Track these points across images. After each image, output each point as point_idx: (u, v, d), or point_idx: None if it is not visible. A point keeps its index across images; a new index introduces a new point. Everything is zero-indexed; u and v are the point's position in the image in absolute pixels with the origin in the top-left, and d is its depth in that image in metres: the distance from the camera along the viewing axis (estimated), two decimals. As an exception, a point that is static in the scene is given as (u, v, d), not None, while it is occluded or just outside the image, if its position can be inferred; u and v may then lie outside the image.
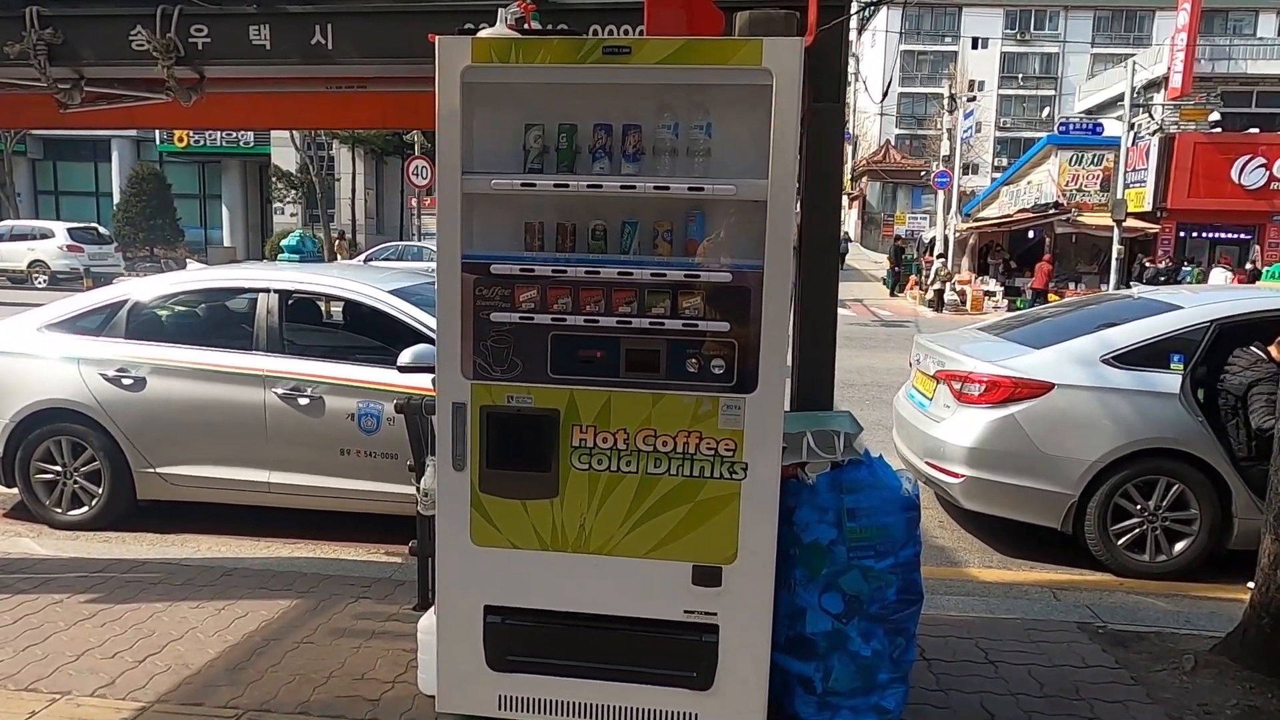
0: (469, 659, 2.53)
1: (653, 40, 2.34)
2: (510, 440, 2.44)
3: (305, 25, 3.36)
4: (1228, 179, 21.21)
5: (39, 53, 3.42)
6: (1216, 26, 41.66)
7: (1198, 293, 5.62)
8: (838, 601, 2.58)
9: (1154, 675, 3.20)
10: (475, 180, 2.39)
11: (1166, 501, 4.53)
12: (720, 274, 2.36)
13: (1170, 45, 25.43)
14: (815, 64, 3.01)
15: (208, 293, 5.38)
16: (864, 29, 18.16)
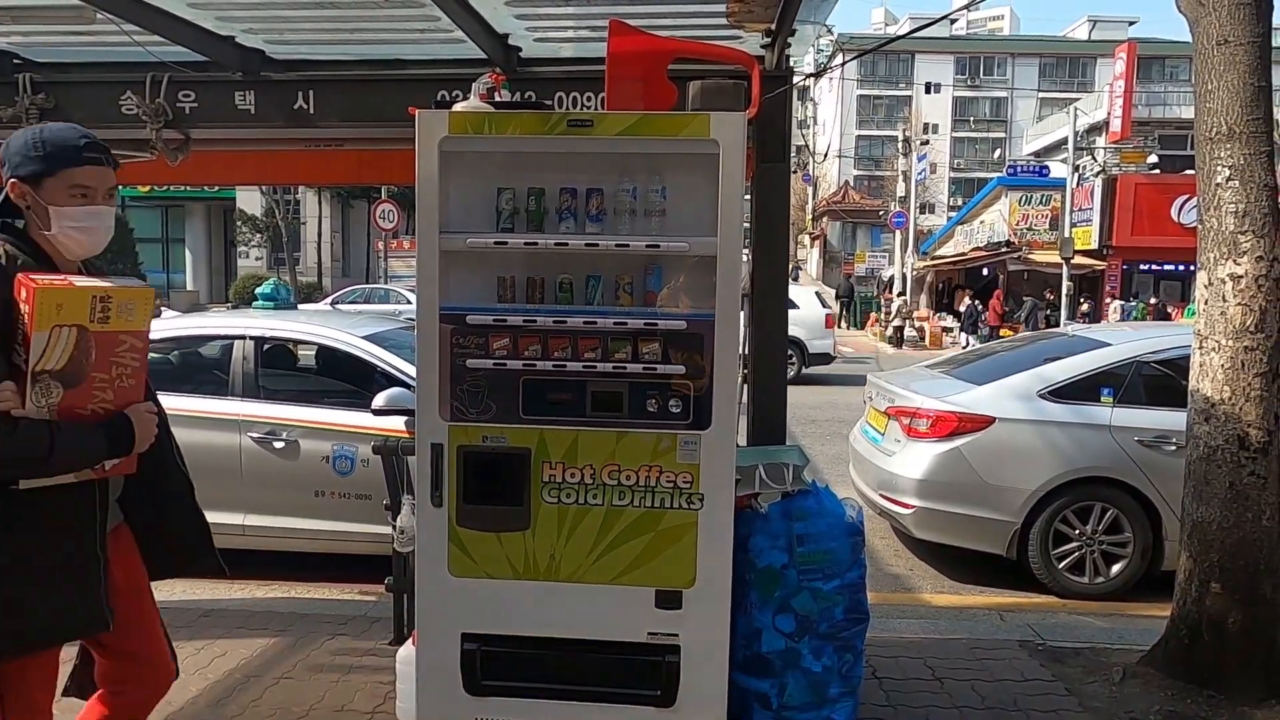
0: (447, 685, 2.69)
1: (612, 114, 2.60)
2: (485, 477, 2.64)
3: (288, 91, 3.59)
4: (1168, 217, 22.19)
5: (31, 116, 3.60)
6: (1154, 73, 43.72)
7: (1126, 331, 6.01)
8: (790, 621, 2.79)
9: (1086, 686, 3.44)
10: (452, 239, 2.61)
11: (1102, 526, 4.83)
12: (676, 322, 2.60)
13: (1109, 91, 26.69)
14: (761, 129, 3.32)
15: (183, 340, 5.50)
16: (820, 76, 18.84)
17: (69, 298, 1.83)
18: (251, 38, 3.61)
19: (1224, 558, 3.32)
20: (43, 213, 1.94)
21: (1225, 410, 3.31)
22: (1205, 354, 3.40)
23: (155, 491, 2.18)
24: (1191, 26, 3.41)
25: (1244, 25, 3.26)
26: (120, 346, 1.91)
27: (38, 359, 1.80)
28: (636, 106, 2.70)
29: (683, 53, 2.92)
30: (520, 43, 3.67)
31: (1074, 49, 56.49)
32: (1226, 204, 3.31)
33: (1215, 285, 3.35)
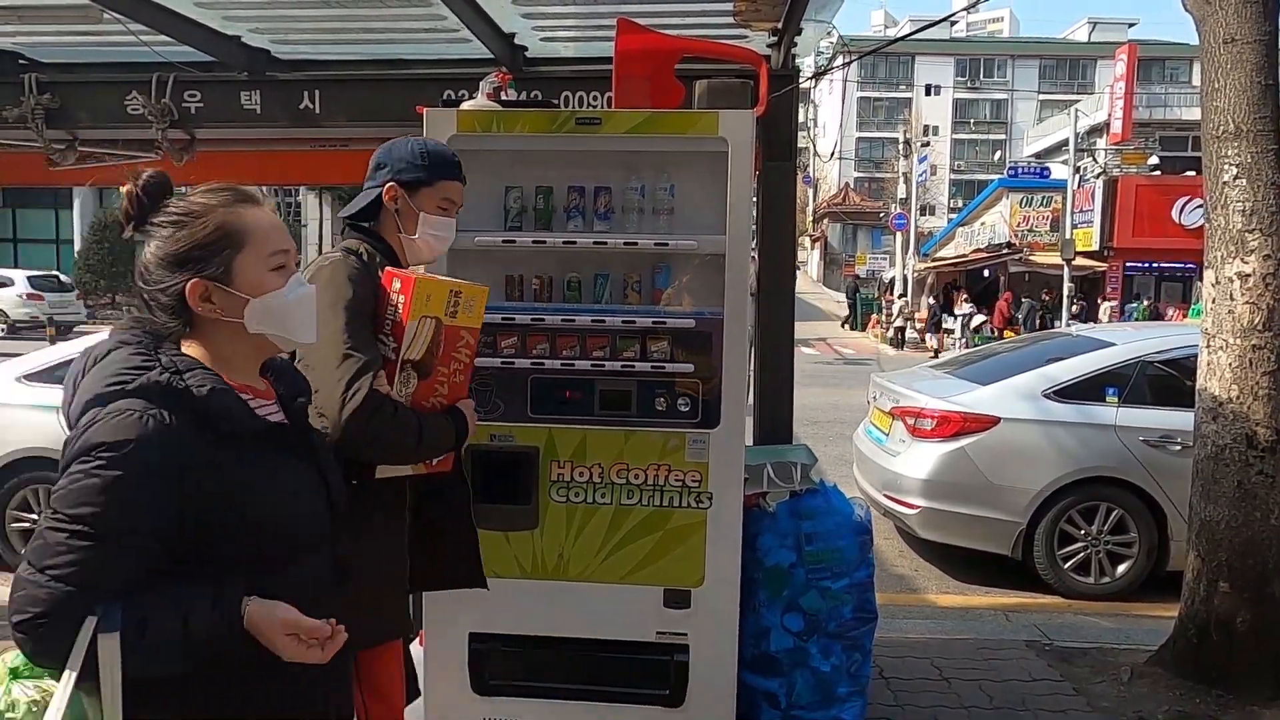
0: (455, 685, 2.68)
1: (620, 112, 2.60)
2: (493, 476, 2.63)
3: (294, 91, 3.59)
4: (1169, 219, 22.19)
5: (36, 116, 3.60)
6: (1154, 75, 43.76)
7: (1130, 330, 6.00)
8: (798, 620, 2.78)
9: (1094, 686, 3.43)
10: (460, 237, 2.58)
11: (1108, 526, 4.82)
12: (684, 320, 2.60)
13: (1110, 93, 26.71)
14: (767, 128, 3.32)
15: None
16: (822, 76, 18.90)
17: (435, 289, 1.87)
18: (257, 37, 3.61)
19: (1232, 557, 3.31)
20: (411, 217, 2.01)
21: (1233, 409, 3.30)
22: (1213, 352, 3.39)
23: (451, 495, 2.10)
24: (1198, 25, 3.41)
25: (1251, 24, 3.26)
26: (459, 341, 1.93)
27: (405, 348, 1.84)
28: (644, 105, 2.70)
29: (690, 51, 2.93)
30: (526, 42, 3.67)
31: (1074, 50, 56.54)
32: (1234, 202, 3.30)
33: (1223, 284, 3.35)
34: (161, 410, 1.21)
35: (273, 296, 1.33)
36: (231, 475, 1.25)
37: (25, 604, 1.15)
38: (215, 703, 1.27)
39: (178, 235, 1.29)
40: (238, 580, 1.25)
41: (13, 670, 1.21)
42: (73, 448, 1.20)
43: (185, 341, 1.33)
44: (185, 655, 1.20)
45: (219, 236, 1.30)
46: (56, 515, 1.18)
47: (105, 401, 1.21)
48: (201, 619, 1.20)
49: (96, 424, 1.20)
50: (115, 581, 1.18)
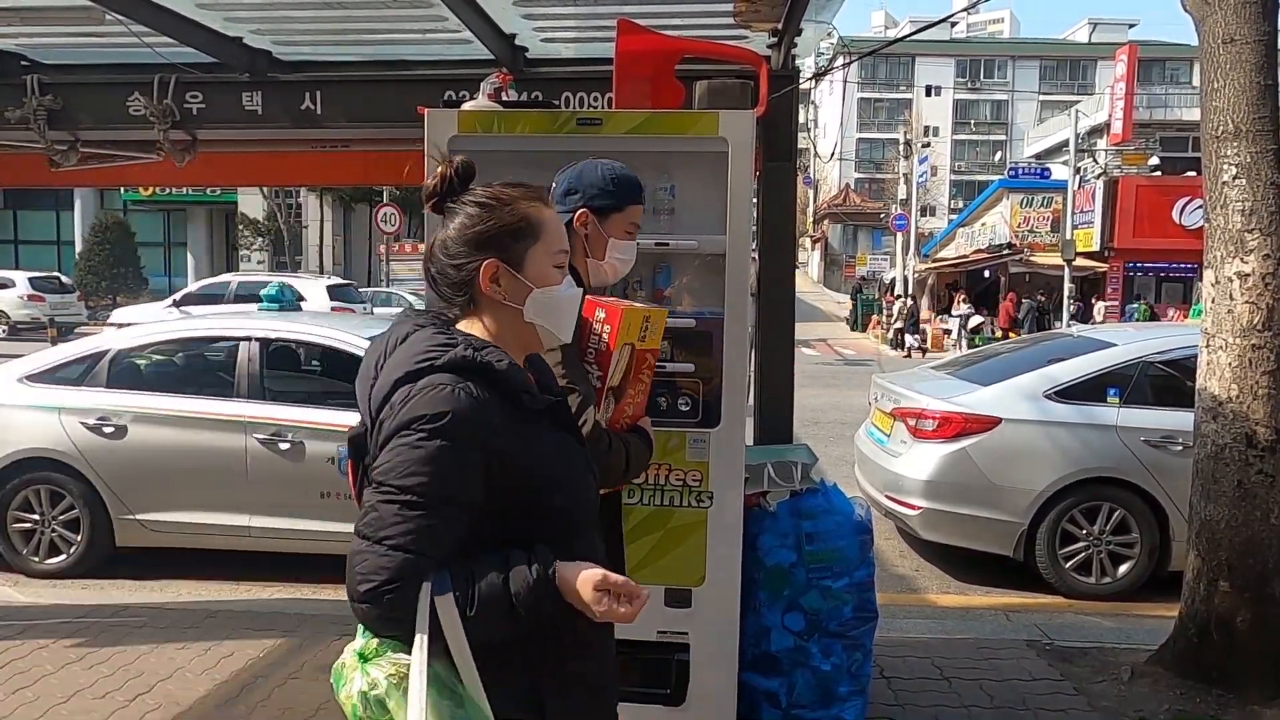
0: (456, 684, 2.68)
1: (621, 113, 2.61)
2: (494, 475, 2.63)
3: (296, 92, 3.60)
4: (1169, 219, 22.20)
5: (39, 118, 3.61)
6: (1154, 75, 43.76)
7: (1131, 331, 6.00)
8: (799, 620, 2.79)
9: (1095, 686, 3.44)
10: (461, 237, 2.62)
11: (1109, 527, 4.82)
12: (685, 320, 2.60)
13: (1110, 94, 26.72)
14: (767, 128, 3.32)
15: (188, 341, 5.51)
16: (822, 77, 18.91)
17: (634, 317, 1.91)
18: (259, 39, 3.62)
19: (1232, 556, 3.32)
20: (600, 242, 2.05)
21: (1233, 408, 3.31)
22: (1213, 352, 3.40)
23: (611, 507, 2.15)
24: (1197, 25, 3.42)
25: (1250, 24, 3.26)
26: (644, 364, 1.98)
27: (610, 375, 1.88)
28: (644, 105, 2.71)
29: (691, 52, 2.93)
30: (527, 43, 3.68)
31: (1074, 51, 56.57)
32: (1233, 202, 3.31)
33: (1222, 283, 3.35)
34: (469, 383, 1.25)
35: (552, 290, 1.39)
36: (529, 448, 1.30)
37: (370, 573, 1.20)
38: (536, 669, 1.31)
39: (485, 217, 1.36)
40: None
41: (361, 655, 1.25)
42: (392, 423, 1.25)
43: (464, 322, 1.39)
44: (510, 616, 1.23)
45: (521, 225, 1.37)
46: (385, 487, 1.23)
47: (416, 378, 1.26)
48: (521, 579, 1.23)
49: (413, 399, 1.24)
50: (441, 549, 1.23)
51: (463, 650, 1.21)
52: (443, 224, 1.39)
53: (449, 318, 1.40)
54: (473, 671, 1.21)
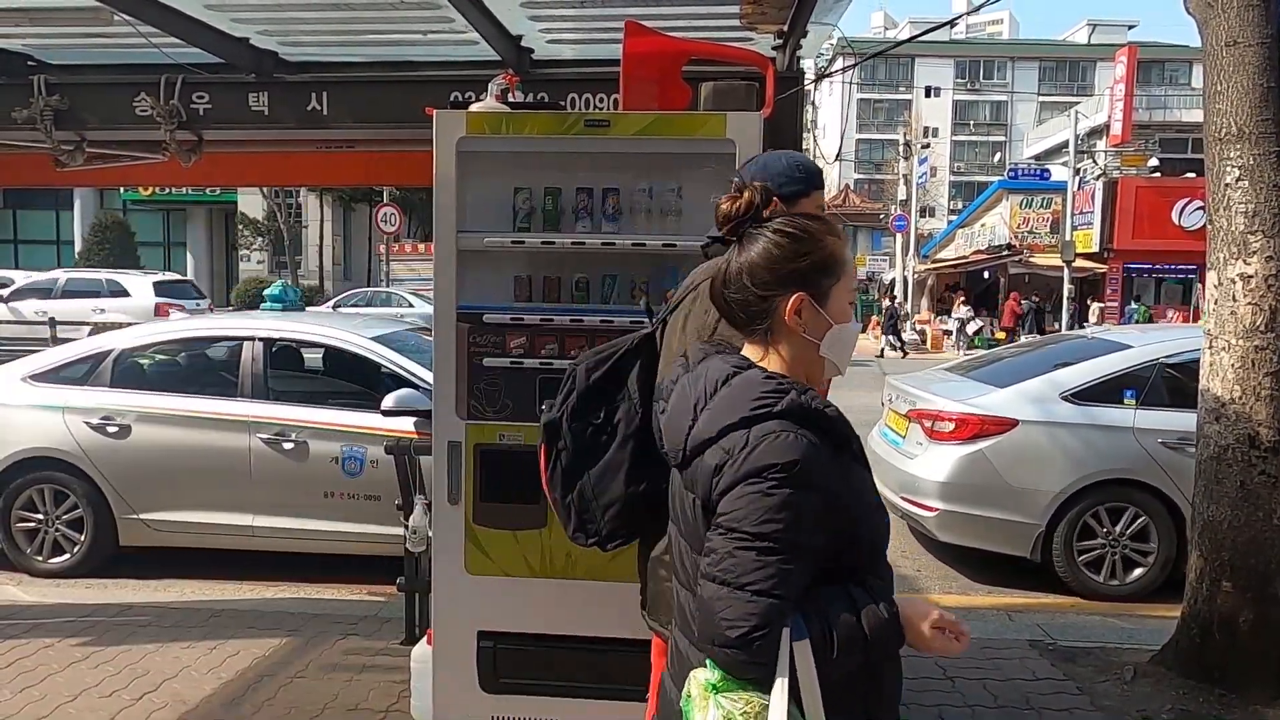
0: (463, 682, 2.70)
1: (629, 115, 2.62)
2: (502, 475, 2.65)
3: (302, 93, 3.61)
4: (1169, 220, 22.24)
5: (45, 118, 3.62)
6: (1154, 77, 43.83)
7: (1145, 332, 6.01)
8: (805, 619, 2.79)
9: (1098, 685, 3.45)
10: (469, 238, 2.63)
11: (1127, 528, 4.80)
12: (692, 320, 2.61)
13: (1110, 95, 26.76)
14: (773, 129, 3.32)
15: (192, 341, 5.52)
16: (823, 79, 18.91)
17: None
18: (266, 39, 3.63)
19: (1235, 556, 3.33)
20: None
21: (1236, 409, 3.32)
22: (1215, 353, 3.41)
23: None
24: (1200, 28, 3.43)
25: (1253, 26, 3.28)
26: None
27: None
28: (651, 107, 2.72)
29: (698, 53, 2.94)
30: (533, 44, 3.69)
31: (1074, 52, 56.62)
32: (1236, 204, 3.32)
33: (1225, 285, 3.37)
34: (806, 430, 1.28)
35: (847, 327, 1.42)
36: (849, 487, 1.32)
37: (737, 620, 1.23)
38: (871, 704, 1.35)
39: (798, 250, 1.37)
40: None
41: (713, 686, 1.27)
42: (736, 470, 1.26)
43: (752, 348, 1.42)
44: (862, 655, 1.27)
45: (830, 261, 1.39)
46: (738, 534, 1.25)
47: (751, 424, 1.28)
48: (873, 619, 1.27)
49: (759, 447, 1.26)
50: (796, 593, 1.26)
51: (814, 692, 1.24)
52: (738, 250, 1.40)
53: (728, 343, 1.45)
54: (821, 713, 1.25)
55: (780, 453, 1.25)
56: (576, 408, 1.92)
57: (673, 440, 1.40)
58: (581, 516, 1.93)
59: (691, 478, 1.35)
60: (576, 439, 1.91)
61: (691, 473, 1.35)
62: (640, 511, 1.88)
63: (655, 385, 1.80)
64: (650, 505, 1.87)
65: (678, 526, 1.46)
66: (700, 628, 1.27)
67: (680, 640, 1.44)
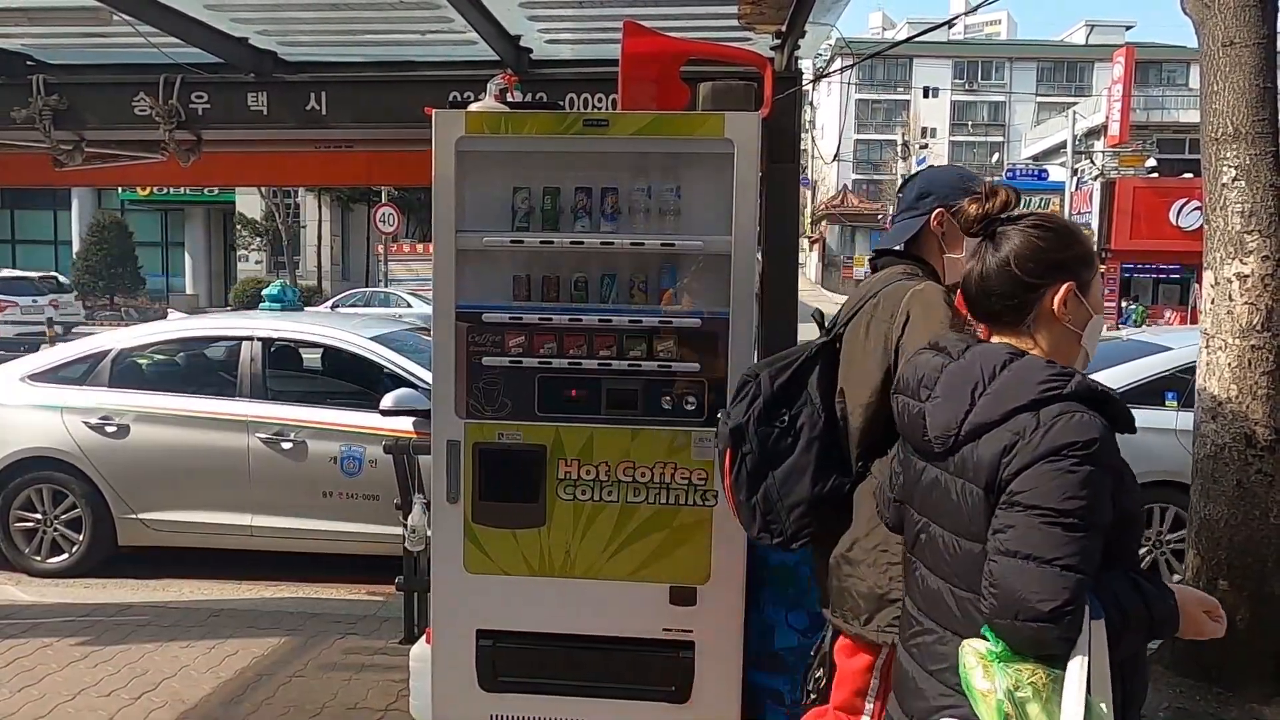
0: (462, 681, 2.70)
1: (627, 114, 2.63)
2: (501, 474, 2.65)
3: (301, 92, 3.61)
4: (1166, 221, 22.28)
5: (44, 117, 3.62)
6: (1151, 77, 43.87)
7: (1184, 334, 6.01)
8: (803, 618, 2.80)
9: (1095, 684, 3.45)
10: (468, 237, 2.63)
11: (1179, 530, 4.78)
12: (690, 320, 2.62)
13: (1108, 95, 26.79)
14: (771, 129, 3.33)
15: (190, 341, 5.52)
16: (822, 79, 18.94)
17: None
18: (265, 39, 3.63)
19: (1231, 555, 3.34)
20: (957, 239, 2.06)
21: (1232, 408, 3.33)
22: (1212, 353, 3.42)
23: None
24: (1197, 28, 3.44)
25: (1250, 27, 3.29)
26: None
27: None
28: (650, 107, 2.72)
29: (696, 54, 2.95)
30: (532, 44, 3.69)
31: (1072, 53, 56.67)
32: (1233, 204, 3.33)
33: (1222, 284, 3.37)
34: (1095, 411, 1.34)
35: (1100, 318, 1.50)
36: (1127, 467, 1.37)
37: (1049, 595, 1.26)
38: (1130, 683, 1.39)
39: (1062, 244, 1.46)
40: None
41: (994, 655, 1.32)
42: (1037, 448, 1.30)
43: (1009, 338, 1.47)
44: (1146, 638, 1.36)
45: (1090, 254, 1.50)
46: (1041, 510, 1.28)
47: (1040, 406, 1.33)
48: (1156, 600, 1.33)
49: (1054, 426, 1.31)
50: (1095, 570, 1.30)
51: (1104, 671, 1.28)
52: (991, 247, 1.48)
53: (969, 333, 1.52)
54: (1109, 691, 1.29)
55: (1078, 431, 1.30)
56: (762, 413, 2.01)
57: (941, 427, 1.43)
58: (766, 517, 2.02)
59: (962, 463, 1.39)
60: (762, 443, 2.00)
61: (961, 459, 1.39)
62: (823, 511, 1.99)
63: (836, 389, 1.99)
64: (832, 505, 1.99)
65: (930, 516, 1.49)
66: (1000, 602, 1.30)
67: (925, 621, 1.49)
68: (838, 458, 2.01)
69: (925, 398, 1.48)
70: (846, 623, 2.00)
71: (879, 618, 1.93)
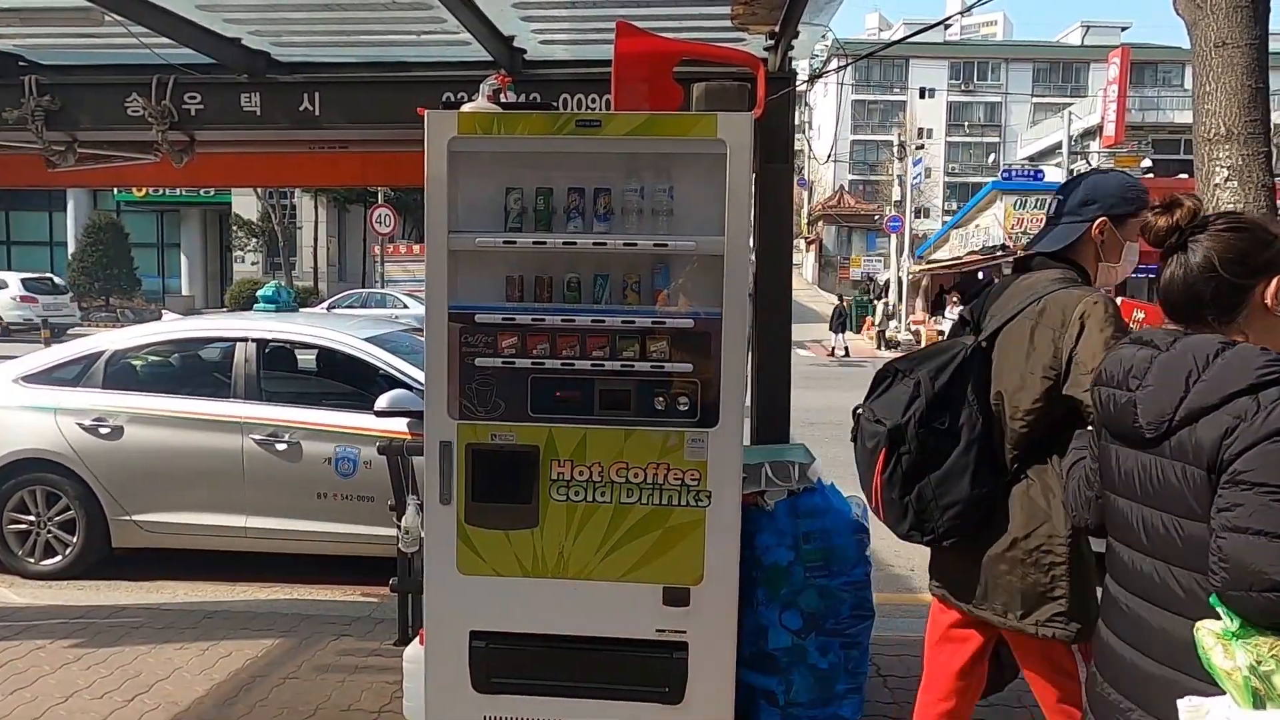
0: (455, 683, 2.70)
1: (620, 115, 2.62)
2: (494, 475, 2.65)
3: (294, 93, 3.61)
4: (1162, 222, 22.28)
5: (36, 118, 3.61)
6: (1147, 78, 43.98)
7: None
8: (796, 618, 2.81)
9: (1089, 684, 3.46)
10: (461, 238, 2.63)
11: None
12: (683, 320, 2.62)
13: (1103, 96, 26.85)
14: (765, 130, 3.34)
15: (185, 342, 5.51)
16: (817, 79, 19.01)
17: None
18: (258, 40, 3.62)
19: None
20: (1116, 247, 2.16)
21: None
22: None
23: None
24: (1189, 29, 3.45)
25: (1241, 28, 3.29)
26: None
27: None
28: (643, 107, 2.72)
29: (689, 54, 2.95)
30: (525, 45, 3.69)
31: (1067, 54, 56.78)
32: (1225, 204, 3.33)
33: (1214, 285, 3.38)
34: None
35: None
36: None
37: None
38: None
39: (1259, 240, 1.56)
40: None
41: (1231, 634, 1.38)
42: (1260, 430, 1.38)
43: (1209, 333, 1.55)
44: None
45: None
46: (1268, 487, 1.36)
47: (1259, 390, 1.41)
48: None
49: (1276, 409, 1.38)
50: None
51: None
52: (1186, 254, 1.57)
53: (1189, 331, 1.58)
54: None
55: None
56: (924, 414, 2.05)
57: (1154, 414, 1.50)
58: (919, 516, 2.09)
59: (1180, 447, 1.46)
60: (922, 444, 2.05)
61: (1178, 442, 1.46)
62: (977, 512, 2.05)
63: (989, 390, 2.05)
64: (985, 506, 2.04)
65: (1141, 501, 1.55)
66: (1233, 576, 1.36)
67: (1132, 603, 1.56)
68: (993, 459, 2.06)
69: (1135, 387, 1.55)
70: (999, 615, 2.08)
71: (1038, 613, 2.02)
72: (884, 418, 2.09)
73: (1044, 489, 2.04)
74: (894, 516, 2.12)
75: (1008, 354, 2.08)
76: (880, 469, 2.09)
